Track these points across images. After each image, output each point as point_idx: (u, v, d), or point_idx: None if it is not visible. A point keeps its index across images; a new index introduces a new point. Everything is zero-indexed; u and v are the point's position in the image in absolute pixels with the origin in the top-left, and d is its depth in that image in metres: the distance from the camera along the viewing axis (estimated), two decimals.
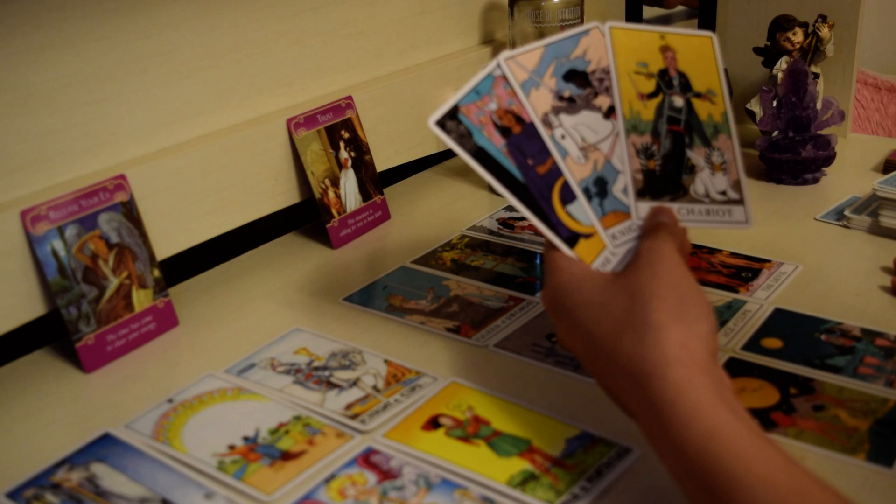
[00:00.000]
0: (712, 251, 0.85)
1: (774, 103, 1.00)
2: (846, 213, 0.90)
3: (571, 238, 0.58)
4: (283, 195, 0.90)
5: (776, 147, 0.99)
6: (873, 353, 0.68)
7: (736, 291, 0.78)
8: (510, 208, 0.98)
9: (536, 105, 0.59)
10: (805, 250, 0.85)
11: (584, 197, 0.59)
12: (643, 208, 0.61)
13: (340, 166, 0.93)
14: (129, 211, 0.76)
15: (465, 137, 0.57)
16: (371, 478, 0.58)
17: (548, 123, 0.59)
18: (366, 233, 0.95)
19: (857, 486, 0.55)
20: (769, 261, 0.83)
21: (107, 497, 0.57)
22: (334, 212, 0.92)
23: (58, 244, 0.71)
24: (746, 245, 0.85)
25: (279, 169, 0.89)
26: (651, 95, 0.62)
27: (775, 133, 1.00)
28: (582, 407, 0.64)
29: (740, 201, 0.62)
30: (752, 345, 0.70)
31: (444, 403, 0.65)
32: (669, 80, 0.62)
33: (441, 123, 0.57)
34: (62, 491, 0.58)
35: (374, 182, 0.97)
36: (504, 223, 0.94)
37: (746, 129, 1.12)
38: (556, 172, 0.59)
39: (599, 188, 0.60)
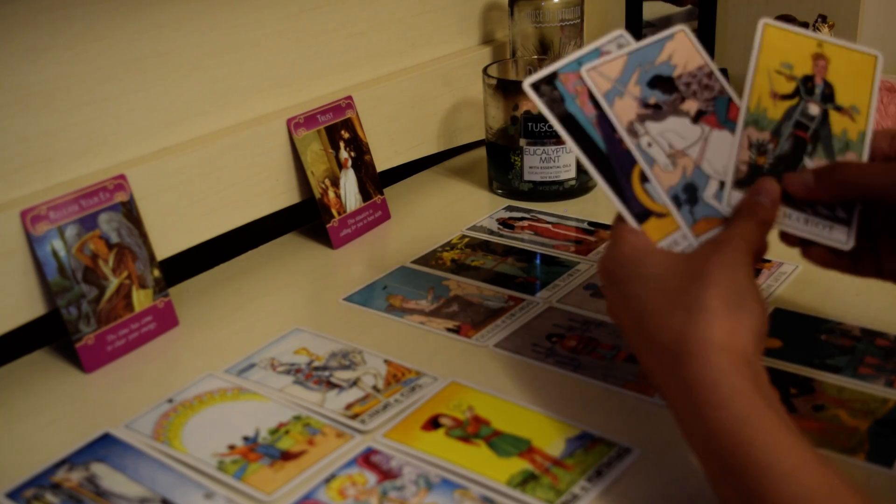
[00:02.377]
0: None
1: None
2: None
3: (643, 213, 0.58)
4: (283, 195, 0.90)
5: None
6: (873, 353, 0.68)
7: None
8: (510, 208, 0.98)
9: (621, 114, 0.59)
10: None
11: (674, 205, 0.59)
12: (736, 198, 0.59)
13: (340, 166, 0.93)
14: (129, 211, 0.76)
15: (556, 102, 0.58)
16: (371, 478, 0.58)
17: (633, 132, 0.59)
18: (366, 233, 0.95)
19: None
20: (769, 261, 0.83)
21: (107, 497, 0.57)
22: (334, 212, 0.92)
23: (58, 244, 0.71)
24: None
25: (279, 169, 0.89)
26: (786, 97, 0.61)
27: None
28: (582, 407, 0.64)
29: (847, 222, 0.60)
30: None
31: (444, 403, 0.65)
32: (812, 88, 0.61)
33: (536, 86, 0.58)
34: (62, 491, 0.58)
35: (374, 182, 0.97)
36: (504, 223, 0.94)
37: None
38: None
39: (689, 195, 0.59)
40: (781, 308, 0.75)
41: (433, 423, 0.62)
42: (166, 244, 0.80)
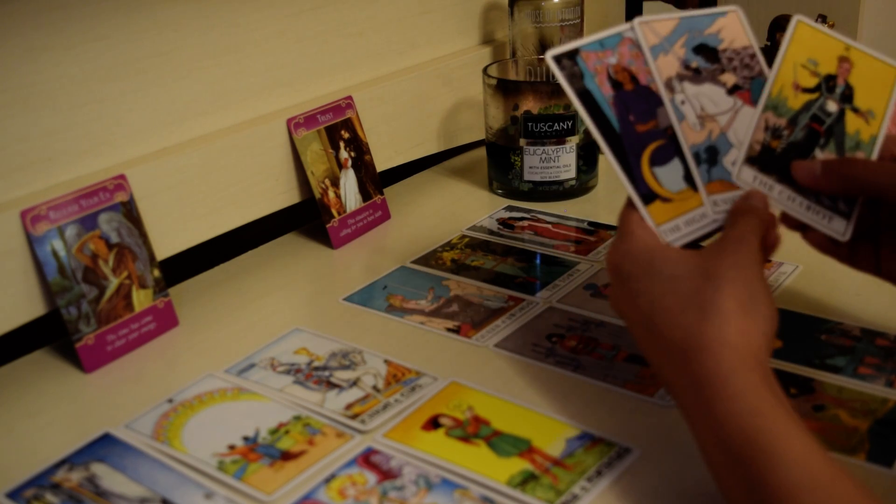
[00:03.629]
0: None
1: None
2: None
3: (649, 195, 0.59)
4: (283, 195, 0.90)
5: None
6: (873, 353, 0.68)
7: None
8: (510, 208, 0.98)
9: (662, 69, 0.62)
10: (805, 250, 0.84)
11: (694, 161, 0.61)
12: (746, 173, 0.62)
13: (340, 166, 0.93)
14: (129, 211, 0.76)
15: (575, 77, 0.60)
16: (371, 478, 0.58)
17: (670, 87, 0.62)
18: (366, 233, 0.95)
19: None
20: (769, 261, 0.83)
21: (107, 497, 0.57)
22: (334, 212, 0.92)
23: (58, 244, 0.71)
24: None
25: (279, 169, 0.89)
26: (807, 90, 0.63)
27: None
28: (582, 407, 0.64)
29: (847, 215, 0.62)
30: None
31: (444, 403, 0.65)
32: (833, 87, 0.63)
33: (558, 59, 0.60)
34: (62, 491, 0.58)
35: (374, 182, 0.97)
36: (504, 223, 0.94)
37: None
38: (654, 135, 0.60)
39: (710, 156, 0.62)
40: (781, 308, 0.75)
41: (433, 423, 0.62)
42: (166, 244, 0.80)
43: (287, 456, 0.60)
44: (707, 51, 0.63)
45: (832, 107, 0.63)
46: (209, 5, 0.83)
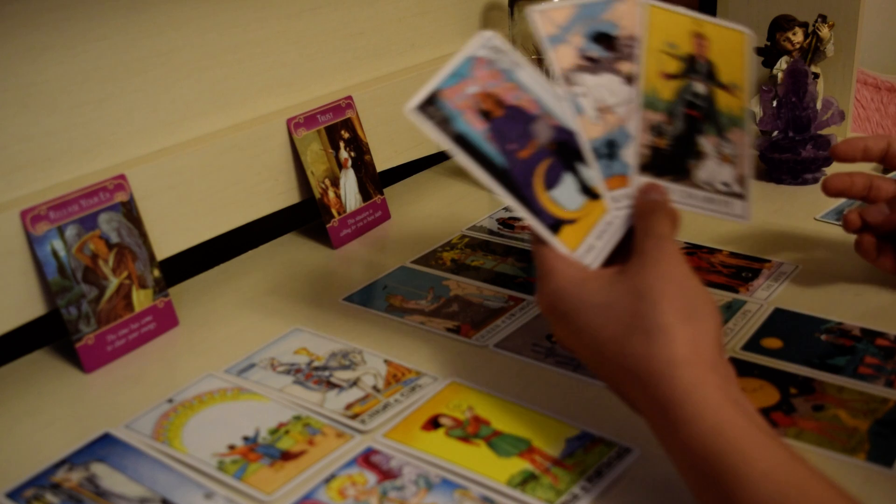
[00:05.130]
0: (712, 251, 0.85)
1: (774, 103, 0.99)
2: (846, 213, 0.90)
3: (555, 225, 0.57)
4: (283, 195, 0.90)
5: (776, 147, 0.99)
6: (873, 353, 0.68)
7: (736, 291, 0.78)
8: (510, 208, 0.98)
9: (560, 60, 0.60)
10: (805, 250, 0.85)
11: (594, 156, 0.59)
12: (642, 181, 0.60)
13: (340, 166, 0.93)
14: (129, 211, 0.76)
15: (445, 123, 0.56)
16: (371, 478, 0.58)
17: (568, 80, 0.60)
18: (366, 233, 0.95)
19: (857, 487, 0.55)
20: (769, 261, 0.83)
21: (107, 497, 0.57)
22: (334, 212, 0.92)
23: (58, 244, 0.71)
24: (746, 245, 0.85)
25: (279, 169, 0.89)
26: (674, 76, 0.62)
27: (775, 133, 1.00)
28: (582, 407, 0.64)
29: (742, 196, 0.62)
30: (752, 345, 0.70)
31: (444, 403, 0.65)
32: (696, 66, 0.62)
33: (422, 109, 0.56)
34: (62, 491, 0.58)
35: (374, 182, 0.97)
36: (504, 223, 0.94)
37: None
38: (538, 157, 0.57)
39: (609, 150, 0.60)
40: (781, 308, 0.75)
41: (433, 423, 0.62)
42: (166, 244, 0.80)
43: (287, 456, 0.60)
44: (604, 39, 0.61)
45: (701, 88, 0.62)
46: (209, 5, 0.83)
